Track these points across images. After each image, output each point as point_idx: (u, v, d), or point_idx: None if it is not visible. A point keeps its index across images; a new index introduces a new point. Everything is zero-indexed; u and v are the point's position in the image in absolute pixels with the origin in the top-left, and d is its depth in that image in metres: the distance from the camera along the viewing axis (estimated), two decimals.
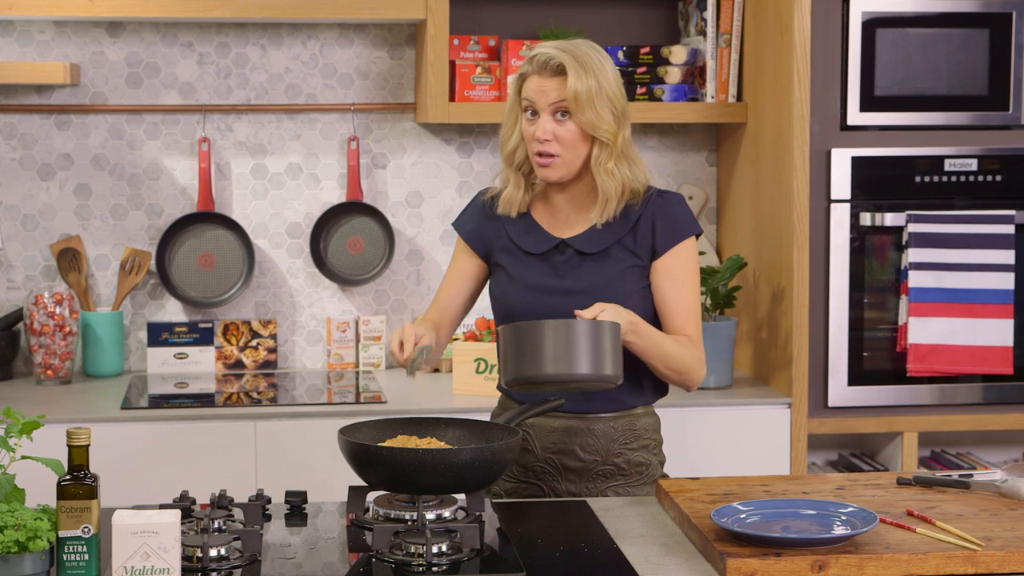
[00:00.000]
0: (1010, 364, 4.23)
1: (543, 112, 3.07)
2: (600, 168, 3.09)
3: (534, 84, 3.08)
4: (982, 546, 2.53)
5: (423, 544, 2.53)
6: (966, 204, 4.27)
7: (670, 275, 3.13)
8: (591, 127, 3.05)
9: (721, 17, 4.51)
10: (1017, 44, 4.26)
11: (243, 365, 4.65)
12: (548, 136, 3.06)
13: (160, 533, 2.29)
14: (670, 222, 3.14)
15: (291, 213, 4.69)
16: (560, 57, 3.05)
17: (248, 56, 4.63)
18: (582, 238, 3.15)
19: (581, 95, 3.03)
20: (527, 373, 2.82)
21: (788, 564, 2.47)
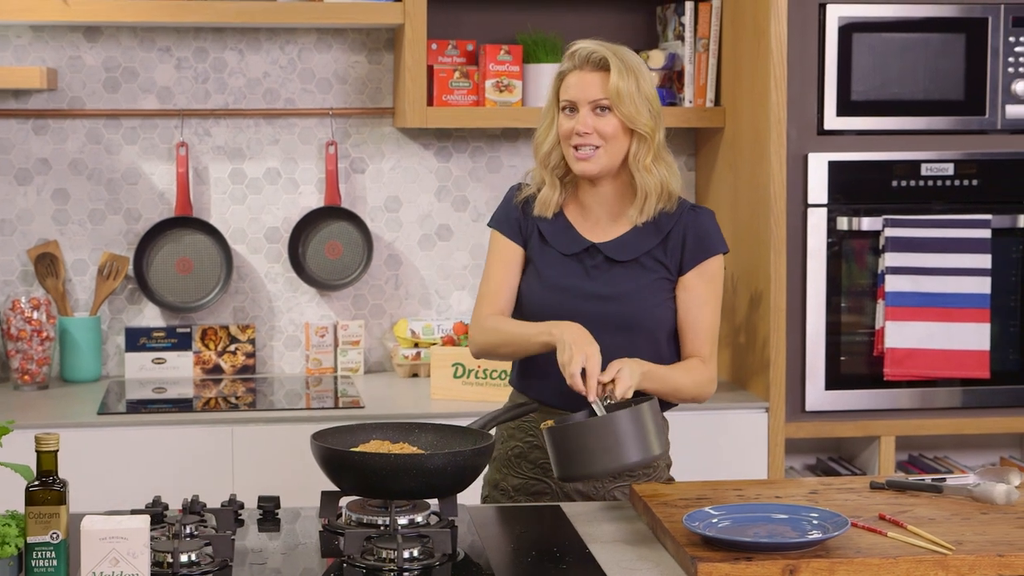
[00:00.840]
0: (987, 368, 4.24)
1: (583, 107, 3.09)
2: (639, 164, 3.11)
3: (574, 79, 3.10)
4: (952, 550, 2.54)
5: (394, 549, 2.52)
6: (943, 208, 4.28)
7: (694, 293, 3.15)
8: (631, 120, 3.07)
9: (699, 22, 4.52)
10: (993, 49, 4.27)
11: (221, 370, 4.64)
12: (588, 129, 3.08)
13: (129, 539, 2.29)
14: (700, 238, 3.16)
15: (269, 218, 4.68)
16: (603, 52, 3.08)
17: (226, 61, 4.63)
18: (613, 244, 3.16)
19: (623, 90, 3.05)
20: (578, 473, 2.80)
21: (759, 569, 2.47)
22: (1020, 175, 4.31)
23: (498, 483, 3.25)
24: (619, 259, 3.15)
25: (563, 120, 3.13)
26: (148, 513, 2.73)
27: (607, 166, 3.12)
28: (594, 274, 3.15)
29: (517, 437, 3.23)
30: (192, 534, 2.64)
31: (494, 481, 3.26)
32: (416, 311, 4.75)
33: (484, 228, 4.73)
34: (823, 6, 4.21)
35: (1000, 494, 2.86)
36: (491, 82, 4.47)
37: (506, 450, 3.24)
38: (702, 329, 3.16)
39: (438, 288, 4.76)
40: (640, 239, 3.15)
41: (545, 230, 3.20)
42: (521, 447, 3.21)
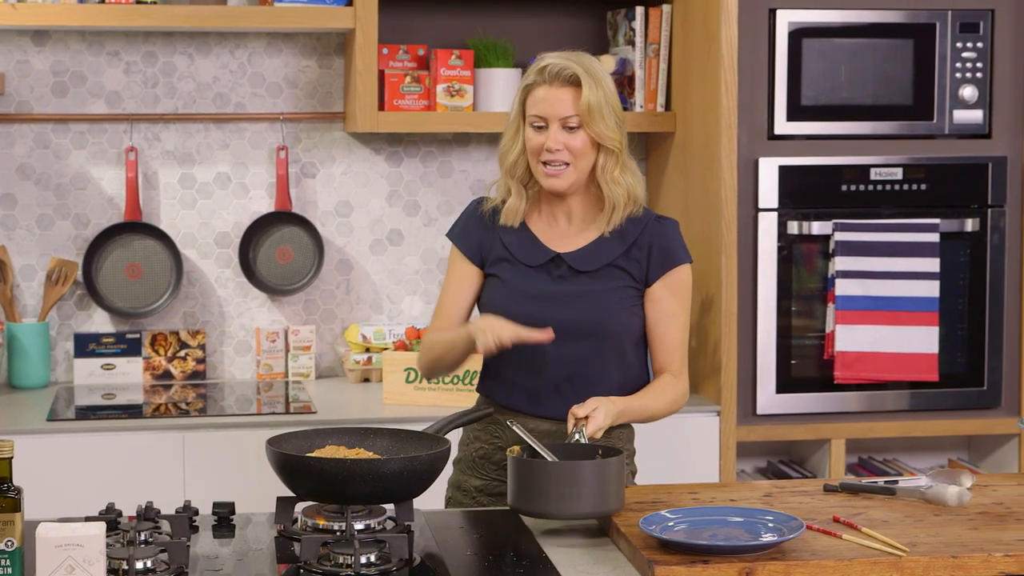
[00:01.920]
0: (935, 371, 4.28)
1: (553, 122, 3.09)
2: (607, 176, 3.12)
3: (544, 94, 3.10)
4: (907, 552, 2.56)
5: (351, 554, 2.52)
6: (892, 213, 4.31)
7: (661, 305, 3.16)
8: (600, 137, 3.08)
9: (649, 27, 4.53)
10: (941, 55, 4.31)
11: (171, 376, 4.62)
12: (559, 146, 3.08)
13: (85, 546, 2.27)
14: (665, 249, 3.17)
15: (220, 223, 4.66)
16: (573, 68, 3.08)
17: (175, 65, 4.61)
18: (578, 255, 3.16)
19: (593, 106, 3.06)
20: (531, 510, 2.80)
21: (716, 571, 2.48)
22: (968, 179, 4.34)
23: (461, 484, 3.25)
24: (584, 269, 3.15)
25: (532, 135, 3.12)
26: (102, 520, 2.71)
27: (576, 181, 3.13)
28: (560, 283, 3.16)
29: (482, 439, 3.23)
30: (147, 541, 2.62)
31: (457, 482, 3.27)
32: (367, 316, 4.74)
33: (436, 233, 4.73)
34: (773, 11, 4.23)
35: (952, 496, 2.89)
36: (442, 87, 4.46)
37: (470, 452, 3.25)
38: (671, 342, 3.17)
39: (389, 293, 4.75)
40: (605, 248, 3.16)
41: (509, 243, 3.20)
42: (486, 448, 3.22)
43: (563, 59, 3.10)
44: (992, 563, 2.55)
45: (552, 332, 3.04)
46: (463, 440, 3.30)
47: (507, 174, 3.20)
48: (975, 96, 4.32)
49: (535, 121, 3.11)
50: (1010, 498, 2.94)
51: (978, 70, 4.32)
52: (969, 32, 4.31)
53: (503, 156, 3.20)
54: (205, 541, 2.77)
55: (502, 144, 3.21)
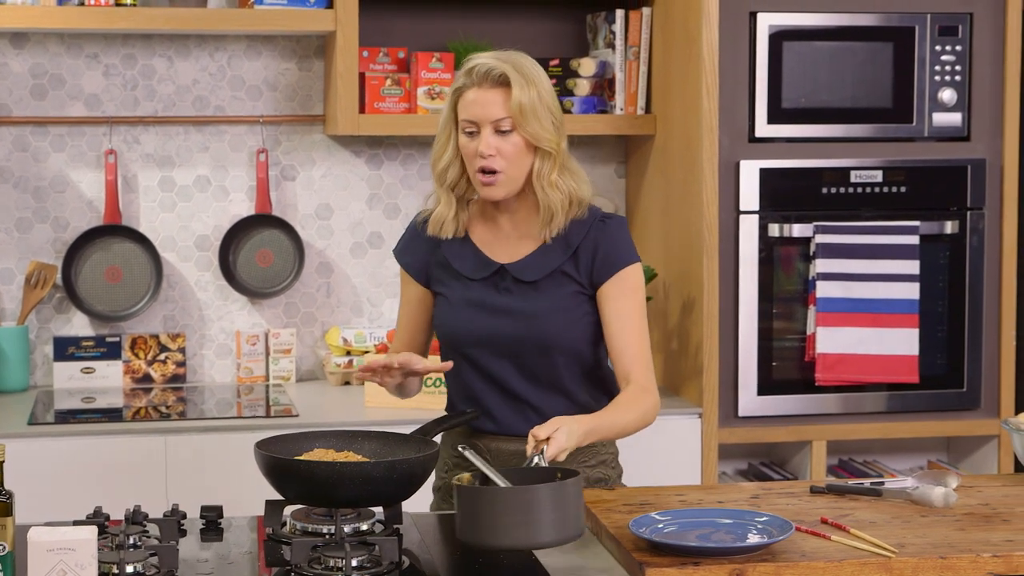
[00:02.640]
0: (915, 373, 4.29)
1: (485, 126, 2.95)
2: (543, 181, 2.99)
3: (474, 96, 2.96)
4: (896, 553, 2.56)
5: (342, 558, 2.52)
6: (871, 215, 4.33)
7: (613, 309, 3.02)
8: (535, 138, 2.95)
9: (629, 30, 4.54)
10: (920, 58, 4.33)
11: (151, 379, 4.61)
12: (492, 151, 2.95)
13: (77, 550, 2.27)
14: (610, 250, 3.03)
15: (199, 226, 4.65)
16: (502, 67, 2.94)
17: (155, 68, 4.59)
18: (521, 264, 3.05)
19: (526, 107, 2.93)
20: (483, 542, 2.53)
21: (707, 573, 2.49)
22: (947, 182, 4.36)
23: (439, 488, 3.21)
24: (528, 279, 3.04)
25: (465, 141, 2.98)
26: (91, 524, 2.70)
27: (512, 188, 2.99)
28: (506, 295, 3.05)
29: (462, 467, 3.13)
30: (135, 545, 2.62)
31: (441, 511, 3.18)
32: (348, 319, 4.73)
33: None
34: (754, 14, 4.25)
35: (938, 497, 2.90)
36: (423, 89, 4.46)
37: (450, 479, 3.09)
38: (630, 347, 3.01)
39: (370, 296, 4.75)
40: (549, 256, 3.04)
41: (451, 257, 3.09)
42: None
43: (492, 59, 2.96)
44: (980, 564, 2.56)
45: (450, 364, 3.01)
46: (440, 467, 3.19)
47: (437, 182, 3.07)
48: (954, 99, 4.34)
49: (467, 127, 2.97)
50: (995, 499, 2.95)
51: (957, 73, 4.34)
52: (948, 35, 4.33)
53: (434, 164, 3.06)
54: (193, 545, 2.76)
55: (433, 151, 3.07)
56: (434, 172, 3.07)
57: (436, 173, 3.07)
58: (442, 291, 3.12)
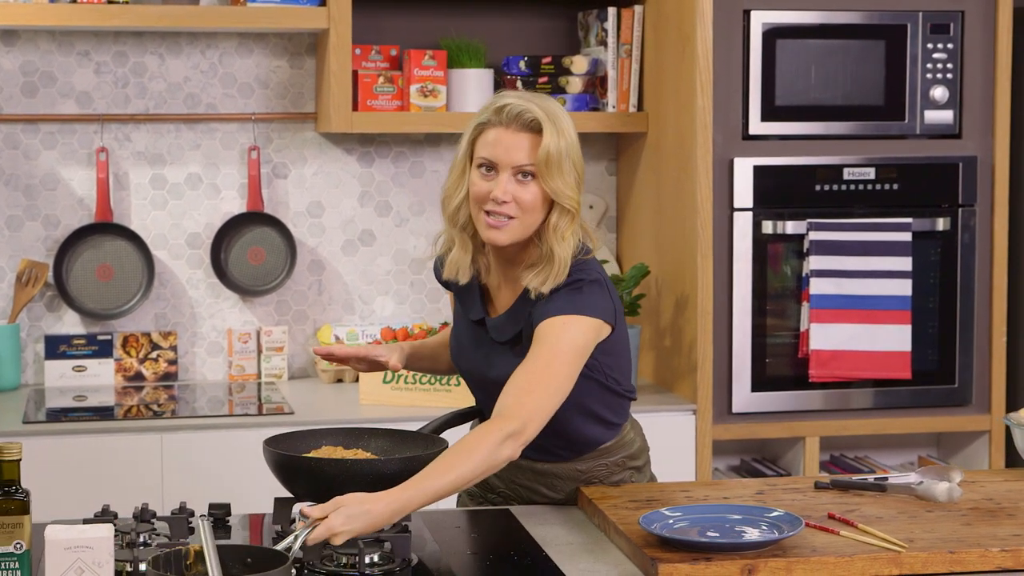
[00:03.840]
0: (908, 369, 4.32)
1: (504, 170, 2.76)
2: (558, 235, 2.79)
3: (498, 137, 2.77)
4: (906, 547, 2.58)
5: (355, 555, 2.52)
6: (864, 212, 4.35)
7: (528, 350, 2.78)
8: (555, 193, 2.77)
9: (622, 28, 4.55)
10: (912, 56, 4.35)
11: (143, 377, 4.60)
12: (508, 197, 2.75)
13: (94, 548, 2.26)
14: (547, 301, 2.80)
15: (191, 223, 4.64)
16: (535, 112, 2.75)
17: (146, 65, 4.58)
18: (496, 323, 2.91)
19: (552, 158, 2.74)
20: None
21: (719, 569, 2.50)
22: (939, 179, 4.39)
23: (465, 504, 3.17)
24: (499, 340, 2.90)
25: (477, 179, 2.79)
26: (102, 522, 2.70)
27: (519, 238, 2.80)
28: (485, 347, 2.93)
29: None
30: (146, 543, 2.62)
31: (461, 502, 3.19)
32: (339, 316, 4.73)
33: (407, 233, 4.73)
34: (747, 12, 4.26)
35: (942, 492, 2.92)
36: (416, 87, 4.46)
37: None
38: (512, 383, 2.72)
39: (361, 293, 4.74)
40: (514, 318, 2.87)
41: (460, 291, 2.97)
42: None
43: (525, 101, 2.77)
44: (989, 558, 2.58)
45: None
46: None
47: (449, 223, 2.87)
48: (946, 96, 4.37)
49: (484, 162, 2.78)
50: (999, 494, 2.97)
51: (948, 71, 4.37)
52: (940, 33, 4.35)
53: (446, 202, 2.86)
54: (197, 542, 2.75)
55: (445, 188, 2.86)
56: (445, 212, 2.88)
57: (448, 214, 2.87)
58: (454, 317, 3.08)
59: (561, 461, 2.99)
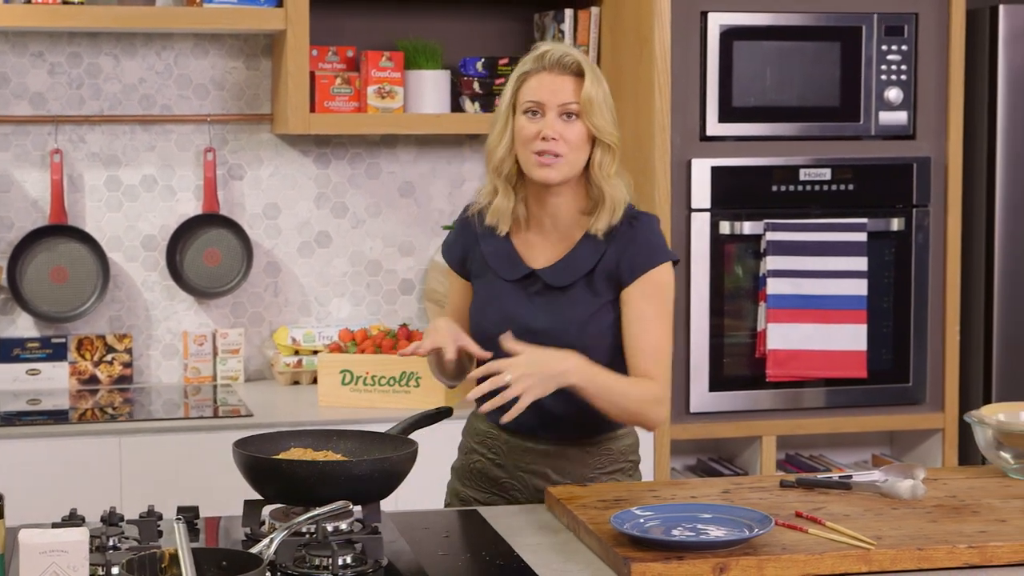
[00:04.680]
0: (864, 368, 4.35)
1: (551, 110, 2.94)
2: (604, 174, 2.97)
3: (542, 82, 2.95)
4: (875, 545, 2.60)
5: (328, 556, 2.51)
6: (820, 212, 4.38)
7: (634, 309, 2.98)
8: (599, 130, 2.95)
9: (578, 29, 4.56)
10: (867, 57, 4.39)
11: (98, 380, 4.57)
12: (556, 134, 2.92)
13: (69, 552, 2.25)
14: (638, 251, 2.99)
15: (146, 225, 4.62)
16: (576, 56, 2.96)
17: (101, 66, 4.55)
18: (552, 270, 3.02)
19: (595, 99, 2.93)
20: None
21: (691, 567, 2.51)
22: (893, 180, 4.43)
23: (460, 494, 3.18)
24: (558, 285, 3.01)
25: (524, 123, 2.95)
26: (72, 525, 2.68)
27: (568, 175, 2.96)
28: (537, 302, 3.02)
29: (479, 452, 3.15)
30: (115, 546, 2.60)
31: (456, 491, 3.20)
32: (296, 318, 4.72)
33: (364, 235, 4.73)
34: (705, 14, 4.28)
35: (906, 489, 2.94)
36: (373, 88, 4.46)
37: (469, 463, 3.17)
38: (644, 348, 2.96)
39: (317, 295, 4.73)
40: (579, 260, 3.01)
41: (488, 254, 3.07)
42: (483, 463, 3.14)
43: (564, 47, 3.00)
44: (957, 554, 2.60)
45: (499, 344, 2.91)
46: (462, 446, 3.22)
47: (494, 172, 3.02)
48: (900, 98, 4.41)
49: (530, 107, 2.95)
50: (962, 491, 3.00)
51: (903, 72, 4.41)
52: (894, 35, 4.39)
53: (490, 152, 3.02)
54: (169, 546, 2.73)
55: (489, 140, 3.03)
56: (490, 163, 3.03)
57: (493, 163, 3.02)
58: (477, 287, 3.11)
59: (572, 443, 3.07)
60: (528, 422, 2.96)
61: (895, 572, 2.58)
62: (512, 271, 3.05)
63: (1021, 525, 2.73)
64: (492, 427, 3.13)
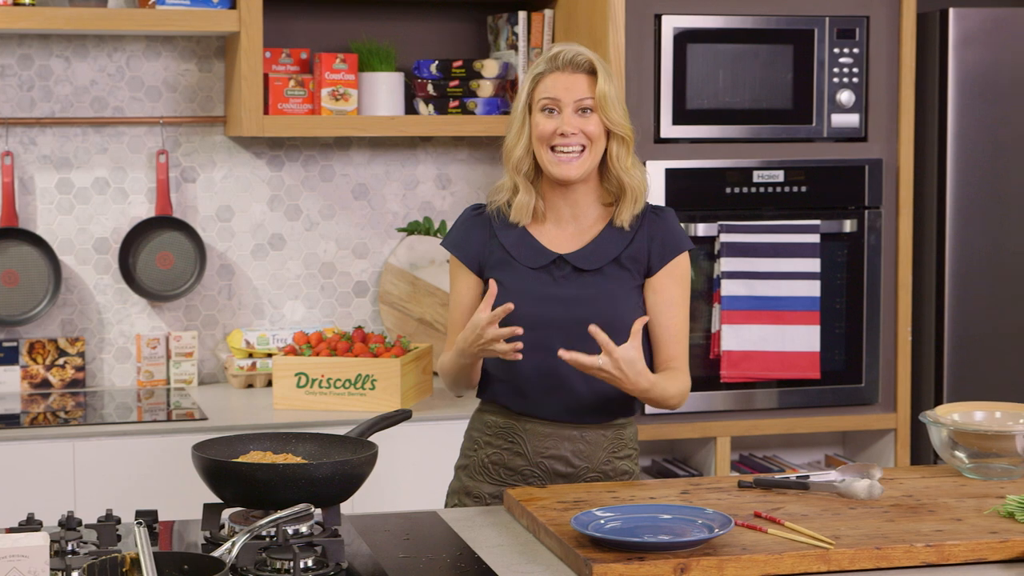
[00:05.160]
0: (817, 369, 4.38)
1: (567, 107, 3.06)
2: (622, 165, 3.10)
3: (557, 81, 3.08)
4: (833, 545, 2.62)
5: (290, 559, 2.51)
6: (774, 214, 4.40)
7: (664, 295, 3.14)
8: (614, 123, 3.08)
9: (532, 31, 4.57)
10: (819, 60, 4.41)
11: (50, 384, 4.54)
12: (575, 129, 3.05)
13: (30, 556, 2.23)
14: (666, 238, 3.15)
15: (98, 228, 4.59)
16: (588, 55, 3.09)
17: (52, 68, 4.53)
18: (579, 254, 3.13)
19: (609, 95, 3.06)
20: None
21: (652, 568, 2.52)
22: (846, 181, 4.46)
23: (471, 490, 3.19)
24: (587, 268, 3.11)
25: (542, 120, 3.08)
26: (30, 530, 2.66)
27: (588, 170, 3.10)
28: (563, 282, 3.12)
29: (495, 444, 3.18)
30: (74, 551, 2.59)
31: (465, 489, 3.21)
32: (249, 321, 4.71)
33: (317, 237, 4.72)
34: (659, 17, 4.30)
35: (863, 489, 2.96)
36: (327, 90, 4.45)
37: (481, 457, 3.19)
38: (674, 332, 3.14)
39: (271, 298, 4.72)
40: (606, 246, 3.13)
41: (509, 246, 3.15)
42: (500, 454, 3.16)
43: (576, 47, 3.11)
44: (914, 554, 2.62)
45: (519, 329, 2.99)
46: (467, 446, 3.25)
47: (513, 170, 3.14)
48: (852, 100, 4.43)
49: (547, 104, 3.08)
50: (917, 490, 3.03)
51: (854, 75, 4.44)
52: (846, 38, 4.42)
53: (509, 152, 3.14)
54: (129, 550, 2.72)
55: (507, 139, 3.15)
56: (508, 161, 3.15)
57: (512, 162, 3.14)
58: (499, 278, 3.14)
59: (593, 425, 3.15)
60: (554, 406, 3.11)
61: (854, 571, 2.60)
62: (537, 258, 3.14)
63: (977, 524, 2.76)
64: (509, 417, 3.17)
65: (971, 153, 4.56)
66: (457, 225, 3.25)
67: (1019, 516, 2.77)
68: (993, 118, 4.56)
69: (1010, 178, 4.59)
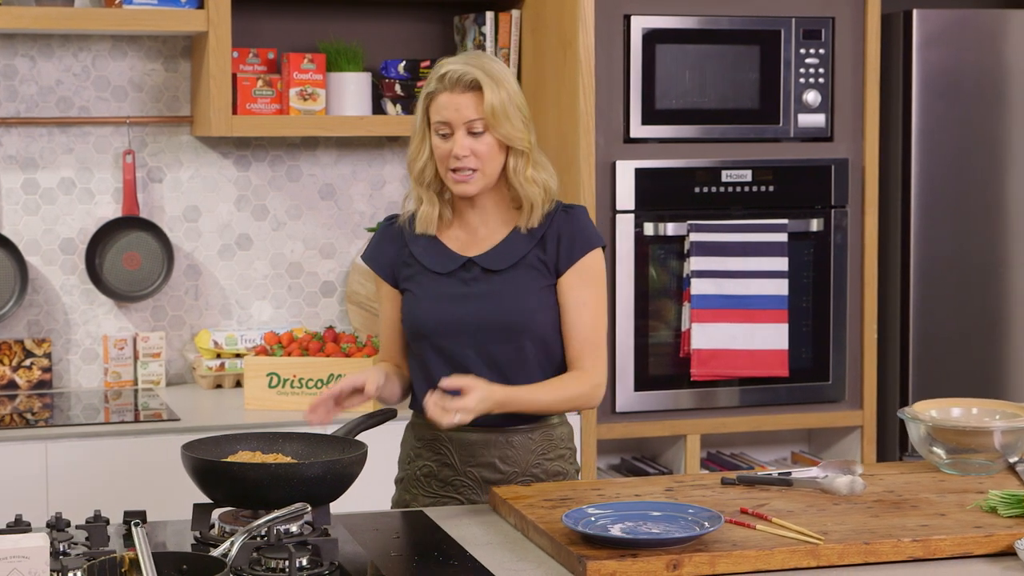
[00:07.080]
0: (785, 367, 4.41)
1: (458, 128, 3.05)
2: (520, 177, 3.10)
3: (446, 101, 3.06)
4: (823, 540, 2.64)
5: (285, 559, 2.51)
6: (742, 214, 4.43)
7: (571, 294, 3.12)
8: (507, 139, 3.06)
9: (499, 32, 4.58)
10: (786, 60, 4.45)
11: (16, 385, 4.51)
12: (466, 152, 3.04)
13: (31, 557, 2.23)
14: (574, 236, 3.13)
15: (65, 229, 4.57)
16: (473, 72, 3.04)
17: (17, 68, 4.50)
18: (489, 255, 3.13)
19: (497, 109, 3.03)
20: None
21: (645, 564, 2.54)
22: (812, 181, 4.50)
23: (408, 503, 3.20)
24: (496, 268, 3.12)
25: (438, 142, 3.08)
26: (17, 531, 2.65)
27: (485, 185, 3.10)
28: (472, 284, 3.13)
29: (425, 456, 3.18)
30: (65, 552, 2.58)
31: (404, 502, 3.22)
32: (217, 321, 4.69)
33: (284, 237, 4.71)
34: (628, 17, 4.32)
35: (845, 485, 2.99)
36: (295, 90, 4.45)
37: (414, 470, 3.20)
38: (579, 333, 3.12)
39: (239, 298, 4.71)
40: (515, 246, 3.13)
41: (418, 254, 3.16)
42: (430, 467, 3.17)
43: (463, 64, 3.07)
44: (901, 548, 2.65)
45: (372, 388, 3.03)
46: (403, 458, 3.25)
47: (416, 182, 3.16)
48: (818, 100, 4.47)
49: (440, 128, 3.07)
50: (898, 486, 3.06)
51: (820, 75, 4.48)
52: (812, 39, 4.46)
53: (411, 164, 3.15)
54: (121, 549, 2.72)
55: (409, 153, 3.16)
56: (412, 173, 3.16)
57: (415, 174, 3.15)
58: (409, 287, 3.16)
59: (518, 428, 3.15)
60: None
61: (843, 566, 2.63)
62: (447, 264, 3.15)
63: (961, 519, 2.79)
64: (435, 427, 3.13)
65: (935, 152, 4.62)
66: (373, 238, 3.27)
67: (1002, 511, 2.80)
68: (956, 118, 4.62)
69: (973, 177, 4.65)
